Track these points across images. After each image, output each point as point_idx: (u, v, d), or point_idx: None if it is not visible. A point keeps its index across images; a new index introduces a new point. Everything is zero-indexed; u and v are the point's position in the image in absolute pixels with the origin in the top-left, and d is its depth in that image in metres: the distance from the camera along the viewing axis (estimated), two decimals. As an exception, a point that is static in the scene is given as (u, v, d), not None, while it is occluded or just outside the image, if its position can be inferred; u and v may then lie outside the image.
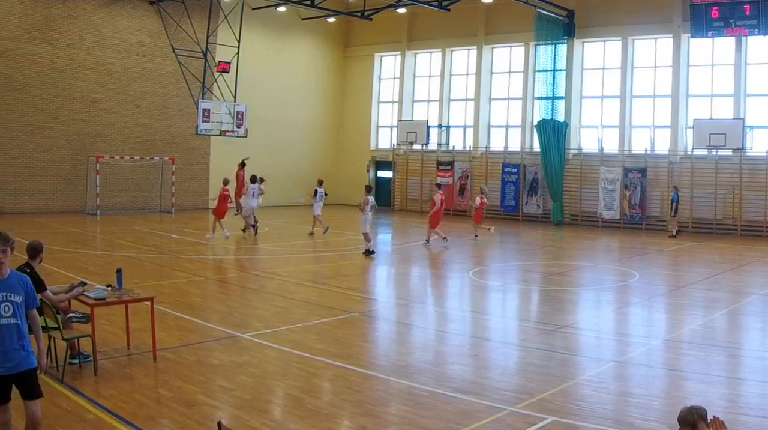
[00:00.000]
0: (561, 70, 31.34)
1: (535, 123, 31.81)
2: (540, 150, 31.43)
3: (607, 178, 29.77)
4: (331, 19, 37.19)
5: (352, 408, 7.91)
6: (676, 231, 26.77)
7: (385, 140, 38.89)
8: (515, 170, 32.48)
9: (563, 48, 31.27)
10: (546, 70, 31.57)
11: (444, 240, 22.12)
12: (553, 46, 31.28)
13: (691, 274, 18.73)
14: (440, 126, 35.84)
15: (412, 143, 35.91)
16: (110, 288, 9.56)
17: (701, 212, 27.79)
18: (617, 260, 21.61)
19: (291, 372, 9.17)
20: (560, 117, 31.15)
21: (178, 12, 30.76)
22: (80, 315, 9.25)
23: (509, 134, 34.16)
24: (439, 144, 35.70)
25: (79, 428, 7.07)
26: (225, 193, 22.53)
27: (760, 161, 26.77)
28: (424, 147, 35.75)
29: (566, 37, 31.11)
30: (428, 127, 35.44)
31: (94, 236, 23.55)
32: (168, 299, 13.05)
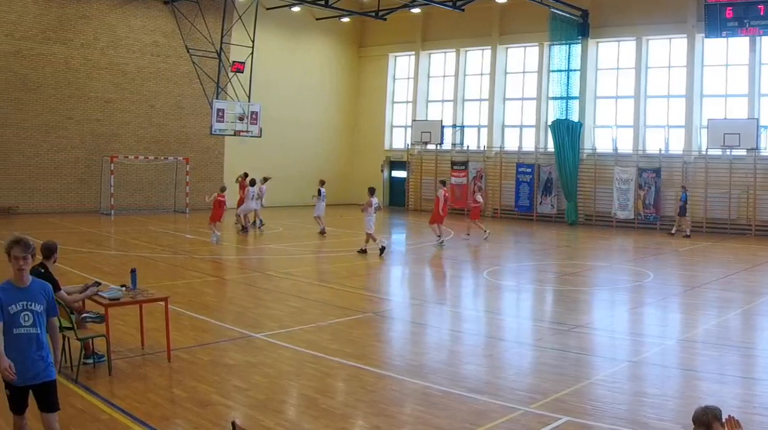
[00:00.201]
0: (575, 70, 31.23)
1: (550, 123, 31.76)
2: (554, 150, 31.36)
3: (622, 178, 29.65)
4: (346, 19, 37.28)
5: (366, 408, 7.90)
6: (677, 230, 26.72)
7: (400, 140, 38.91)
8: (529, 170, 32.41)
9: (577, 48, 31.16)
10: (560, 70, 31.48)
11: (438, 238, 22.11)
12: (568, 46, 31.19)
13: (706, 274, 18.62)
14: (454, 126, 35.84)
15: (427, 143, 35.93)
16: (124, 288, 9.59)
17: (715, 212, 27.63)
18: (631, 260, 21.50)
19: (305, 372, 9.18)
20: (574, 117, 31.05)
21: (193, 12, 30.87)
22: (94, 315, 9.27)
23: (523, 134, 34.12)
24: (454, 144, 35.70)
25: (94, 428, 7.10)
26: (221, 199, 22.32)
27: (775, 161, 26.61)
28: (439, 147, 35.73)
29: (580, 37, 31.01)
30: (442, 127, 35.43)
31: (108, 236, 23.66)
32: (182, 299, 13.09)
